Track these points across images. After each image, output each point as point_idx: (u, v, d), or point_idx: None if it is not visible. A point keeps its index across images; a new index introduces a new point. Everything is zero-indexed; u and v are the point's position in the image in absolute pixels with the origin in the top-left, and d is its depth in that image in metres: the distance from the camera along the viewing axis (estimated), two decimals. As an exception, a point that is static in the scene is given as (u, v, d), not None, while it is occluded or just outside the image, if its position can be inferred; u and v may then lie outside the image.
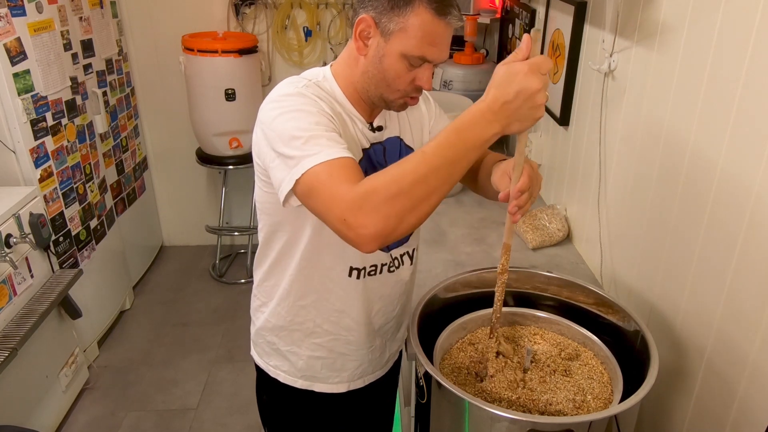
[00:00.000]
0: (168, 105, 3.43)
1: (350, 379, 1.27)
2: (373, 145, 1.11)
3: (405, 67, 1.00)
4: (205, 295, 3.35)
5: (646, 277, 1.39)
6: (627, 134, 1.50)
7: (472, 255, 1.53)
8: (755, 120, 0.99)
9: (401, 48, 0.97)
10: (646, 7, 1.38)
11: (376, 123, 1.12)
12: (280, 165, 0.94)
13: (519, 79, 0.82)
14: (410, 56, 0.98)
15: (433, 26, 0.96)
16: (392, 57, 0.99)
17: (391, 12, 0.96)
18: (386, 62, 1.00)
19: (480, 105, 0.85)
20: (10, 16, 2.16)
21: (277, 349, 1.24)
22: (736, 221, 1.04)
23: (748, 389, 1.02)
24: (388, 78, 1.01)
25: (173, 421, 2.47)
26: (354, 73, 1.05)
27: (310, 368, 1.24)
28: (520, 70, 0.82)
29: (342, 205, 0.85)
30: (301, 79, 1.05)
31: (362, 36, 1.00)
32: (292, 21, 3.25)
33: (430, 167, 0.84)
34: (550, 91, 2.08)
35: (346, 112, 1.07)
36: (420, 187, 0.84)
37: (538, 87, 0.82)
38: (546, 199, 2.17)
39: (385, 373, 1.35)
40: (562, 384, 1.12)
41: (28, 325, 2.00)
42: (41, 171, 2.34)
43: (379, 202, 0.83)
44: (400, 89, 1.03)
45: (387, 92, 1.04)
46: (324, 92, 1.04)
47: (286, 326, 1.22)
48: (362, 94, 1.07)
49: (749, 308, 1.01)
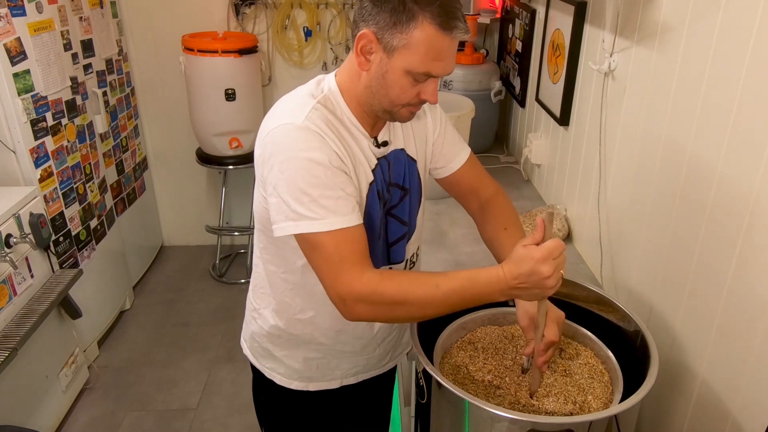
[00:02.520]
0: (168, 105, 3.43)
1: (343, 376, 1.27)
2: (380, 161, 1.09)
3: (409, 83, 0.97)
4: (205, 295, 3.35)
5: (646, 277, 1.39)
6: (627, 134, 1.50)
7: (472, 255, 1.53)
8: (755, 120, 0.99)
9: (405, 64, 0.94)
10: (646, 7, 1.38)
11: (381, 137, 1.10)
12: (280, 207, 0.95)
13: (532, 264, 0.89)
14: (414, 73, 0.95)
15: (438, 41, 0.92)
16: (396, 73, 0.96)
17: (394, 28, 0.92)
18: (389, 78, 0.97)
19: (498, 272, 0.91)
20: (10, 16, 2.16)
21: (272, 354, 1.24)
22: (736, 221, 1.04)
23: (748, 389, 1.02)
24: (392, 94, 0.98)
25: (173, 421, 2.47)
26: (357, 86, 1.02)
27: (306, 370, 1.23)
28: (534, 255, 0.89)
29: (345, 289, 0.92)
30: (308, 100, 1.01)
31: (364, 51, 0.97)
32: (292, 21, 3.25)
33: (434, 302, 0.93)
34: (551, 91, 2.08)
35: (353, 129, 1.04)
36: (419, 311, 0.95)
37: (549, 273, 0.89)
38: (546, 199, 2.17)
39: (382, 372, 1.35)
40: (562, 384, 1.12)
41: (28, 325, 2.00)
42: (41, 171, 2.34)
43: (379, 304, 0.93)
44: (404, 104, 1.00)
45: (391, 107, 1.01)
46: (329, 112, 1.01)
47: (281, 335, 1.20)
48: (365, 108, 1.04)
49: (749, 308, 1.01)
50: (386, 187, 1.11)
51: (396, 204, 1.14)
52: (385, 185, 1.11)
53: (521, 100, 2.50)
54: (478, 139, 2.54)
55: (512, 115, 2.75)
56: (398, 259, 1.20)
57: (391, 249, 1.18)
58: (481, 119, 2.42)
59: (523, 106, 2.50)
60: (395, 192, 1.14)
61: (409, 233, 1.20)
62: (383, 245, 1.16)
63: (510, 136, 2.77)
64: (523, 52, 2.43)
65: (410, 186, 1.16)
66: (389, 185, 1.12)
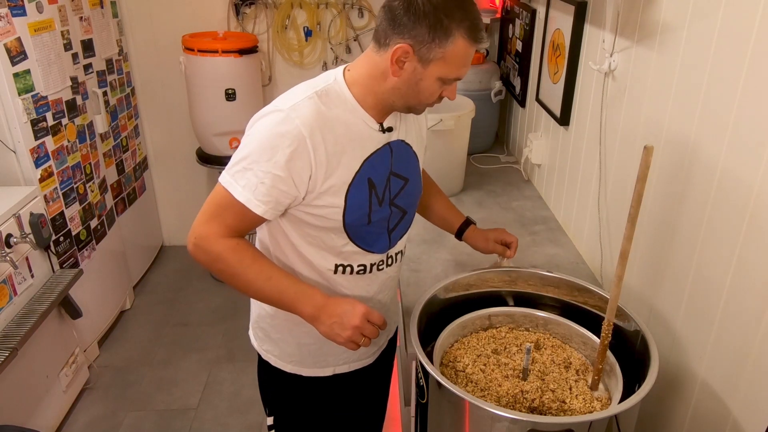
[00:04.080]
0: (168, 105, 3.43)
1: (335, 363, 1.32)
2: (384, 146, 1.15)
3: (439, 87, 1.08)
4: (205, 295, 3.35)
5: (646, 277, 1.39)
6: (627, 134, 1.50)
7: (472, 255, 1.54)
8: (755, 120, 0.99)
9: (439, 73, 1.05)
10: (646, 7, 1.38)
11: (387, 124, 1.16)
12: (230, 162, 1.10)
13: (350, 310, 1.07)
14: (446, 79, 1.06)
15: (468, 51, 1.04)
16: (429, 80, 1.06)
17: (432, 43, 1.01)
18: (423, 85, 1.07)
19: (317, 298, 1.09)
20: (11, 16, 2.16)
21: (269, 335, 1.31)
22: (737, 221, 1.04)
23: (748, 389, 1.02)
24: (422, 96, 1.09)
25: (173, 421, 2.47)
26: (378, 85, 1.09)
27: (298, 354, 1.30)
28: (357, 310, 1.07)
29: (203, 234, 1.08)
30: (307, 90, 1.09)
31: (399, 62, 1.05)
32: (292, 21, 3.25)
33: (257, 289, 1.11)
34: (551, 91, 2.08)
35: (357, 115, 1.11)
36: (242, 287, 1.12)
37: (355, 324, 1.06)
38: (546, 199, 2.17)
39: (374, 362, 1.39)
40: (562, 383, 1.12)
41: (29, 325, 2.00)
42: (41, 171, 2.34)
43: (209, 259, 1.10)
44: (430, 103, 1.12)
45: (416, 104, 1.11)
46: (324, 103, 1.08)
47: (275, 315, 1.27)
48: (383, 103, 1.12)
49: (749, 308, 1.01)
50: (388, 176, 1.17)
51: (397, 193, 1.20)
52: (387, 174, 1.17)
53: (521, 100, 2.50)
54: (478, 139, 2.54)
55: (512, 115, 2.75)
56: (395, 243, 1.26)
57: (391, 236, 1.24)
58: (481, 119, 2.42)
59: (523, 106, 2.50)
60: (395, 182, 1.19)
61: (406, 224, 1.27)
62: (384, 233, 1.22)
63: (510, 136, 2.77)
64: (523, 52, 2.43)
65: (410, 176, 1.23)
66: (391, 174, 1.18)
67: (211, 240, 1.08)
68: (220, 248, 1.08)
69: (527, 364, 1.14)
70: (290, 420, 1.40)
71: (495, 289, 1.34)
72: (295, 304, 1.09)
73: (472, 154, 2.57)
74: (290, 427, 1.41)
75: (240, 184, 1.05)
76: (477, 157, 2.60)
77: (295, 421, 1.40)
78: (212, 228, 1.08)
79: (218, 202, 1.08)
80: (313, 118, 1.04)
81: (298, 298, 1.09)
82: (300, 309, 1.09)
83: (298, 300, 1.09)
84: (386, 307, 1.34)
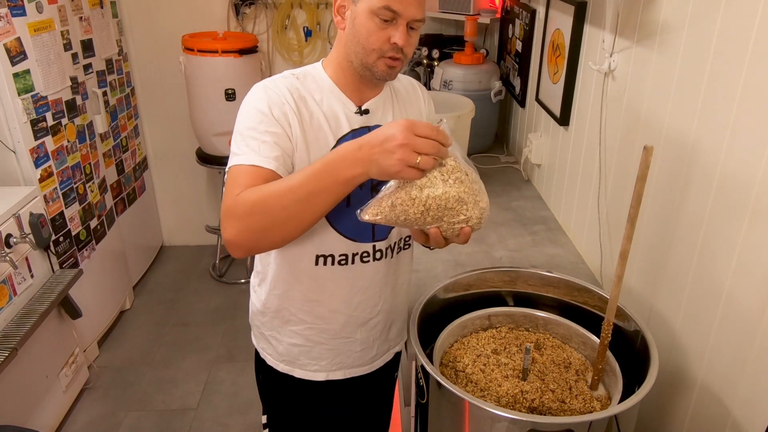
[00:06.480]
0: (168, 105, 3.43)
1: (328, 368, 1.29)
2: (361, 129, 1.14)
3: (376, 25, 1.04)
4: (205, 295, 3.35)
5: (646, 277, 1.39)
6: (627, 134, 1.50)
7: (472, 255, 1.53)
8: (755, 120, 0.99)
9: (368, 4, 1.03)
10: (646, 7, 1.38)
11: (366, 107, 1.16)
12: None
13: (392, 129, 0.89)
14: (376, 9, 1.02)
15: None
16: (362, 16, 1.05)
17: None
18: (358, 23, 1.05)
19: (349, 144, 0.93)
20: (10, 16, 2.16)
21: (262, 333, 1.31)
22: (737, 221, 1.04)
23: (748, 389, 1.02)
24: (362, 38, 1.06)
25: (173, 421, 2.47)
26: (341, 53, 1.11)
27: (289, 353, 1.28)
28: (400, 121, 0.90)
29: (223, 207, 0.98)
30: (284, 73, 1.13)
31: (340, 11, 1.09)
32: (292, 21, 3.25)
33: (294, 195, 0.93)
34: (551, 91, 2.08)
35: (333, 93, 1.13)
36: (281, 212, 0.94)
37: (402, 142, 0.87)
38: (546, 199, 2.17)
39: (373, 372, 1.35)
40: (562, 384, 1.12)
41: (28, 325, 2.00)
42: (41, 171, 2.34)
43: (242, 214, 0.95)
44: (375, 48, 1.06)
45: (365, 55, 1.07)
46: (300, 81, 1.11)
47: (266, 312, 1.27)
48: (347, 71, 1.12)
49: (749, 308, 1.01)
50: None
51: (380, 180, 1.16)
52: None
53: (521, 100, 2.50)
54: (478, 139, 2.54)
55: (512, 115, 2.75)
56: (381, 236, 1.20)
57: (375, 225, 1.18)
58: (481, 119, 2.42)
59: (523, 106, 2.50)
60: None
61: None
62: None
63: (510, 136, 2.77)
64: (523, 52, 2.43)
65: None
66: None
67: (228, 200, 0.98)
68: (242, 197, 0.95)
69: (527, 364, 1.14)
70: (283, 419, 1.39)
71: (495, 289, 1.34)
72: (336, 171, 0.92)
73: (471, 154, 2.57)
74: (283, 426, 1.40)
75: (243, 152, 1.03)
76: (477, 157, 2.60)
77: (288, 420, 1.39)
78: (230, 194, 0.98)
79: (233, 179, 1.01)
80: (288, 92, 1.08)
81: (333, 162, 0.93)
82: (344, 171, 0.92)
83: (335, 164, 0.92)
84: (386, 313, 1.29)
